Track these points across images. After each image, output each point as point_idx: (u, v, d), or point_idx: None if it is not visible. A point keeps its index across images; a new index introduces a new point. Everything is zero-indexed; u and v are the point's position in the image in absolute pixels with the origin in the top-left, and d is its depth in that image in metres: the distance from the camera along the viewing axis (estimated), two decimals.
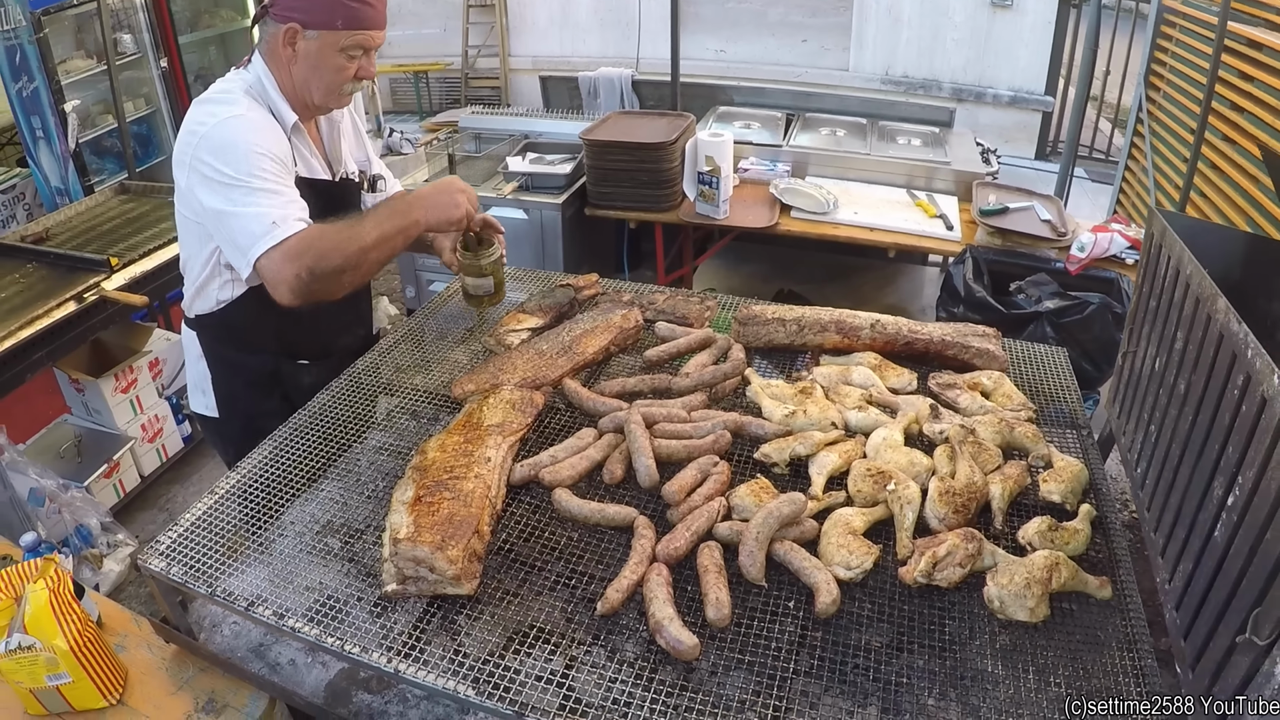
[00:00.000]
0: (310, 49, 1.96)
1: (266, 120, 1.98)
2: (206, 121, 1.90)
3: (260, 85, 2.01)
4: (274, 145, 1.93)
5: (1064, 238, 3.88)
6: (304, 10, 1.92)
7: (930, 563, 1.45)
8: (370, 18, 1.96)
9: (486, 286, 2.26)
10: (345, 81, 2.02)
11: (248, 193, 1.84)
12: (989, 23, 7.22)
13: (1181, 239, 1.73)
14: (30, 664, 1.57)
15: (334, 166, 2.22)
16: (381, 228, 1.90)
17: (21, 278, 3.37)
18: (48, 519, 3.29)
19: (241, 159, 1.86)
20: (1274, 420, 1.16)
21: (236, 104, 1.94)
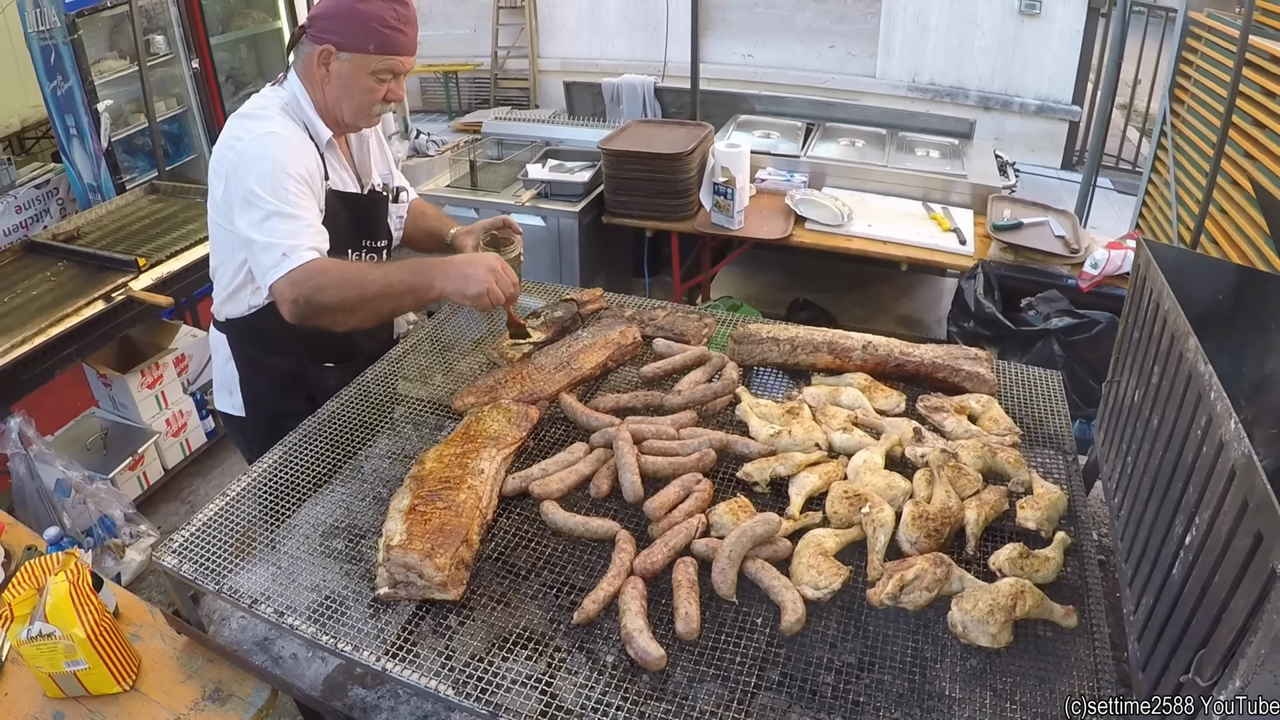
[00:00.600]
0: (343, 70, 2.05)
1: (300, 138, 2.08)
2: (243, 137, 2.01)
3: (296, 102, 2.11)
4: (304, 164, 2.04)
5: (1076, 255, 3.88)
6: (339, 33, 2.02)
7: (898, 585, 1.50)
8: (401, 44, 2.05)
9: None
10: (375, 103, 2.11)
11: (267, 216, 1.95)
12: (1016, 31, 7.19)
13: (1167, 271, 1.75)
14: (50, 650, 1.67)
15: (362, 179, 2.32)
16: (389, 280, 1.96)
17: (52, 276, 3.50)
18: (73, 509, 3.41)
19: (269, 177, 1.96)
20: (1228, 465, 1.18)
21: (272, 120, 2.05)
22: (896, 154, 4.77)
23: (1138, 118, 7.81)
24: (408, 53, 2.08)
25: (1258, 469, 1.10)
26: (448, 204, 4.45)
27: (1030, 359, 3.58)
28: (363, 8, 2.00)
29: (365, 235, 2.31)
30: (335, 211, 2.17)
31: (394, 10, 2.02)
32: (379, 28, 2.00)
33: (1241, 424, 1.51)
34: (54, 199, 4.86)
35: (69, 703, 1.74)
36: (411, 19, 2.07)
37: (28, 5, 4.26)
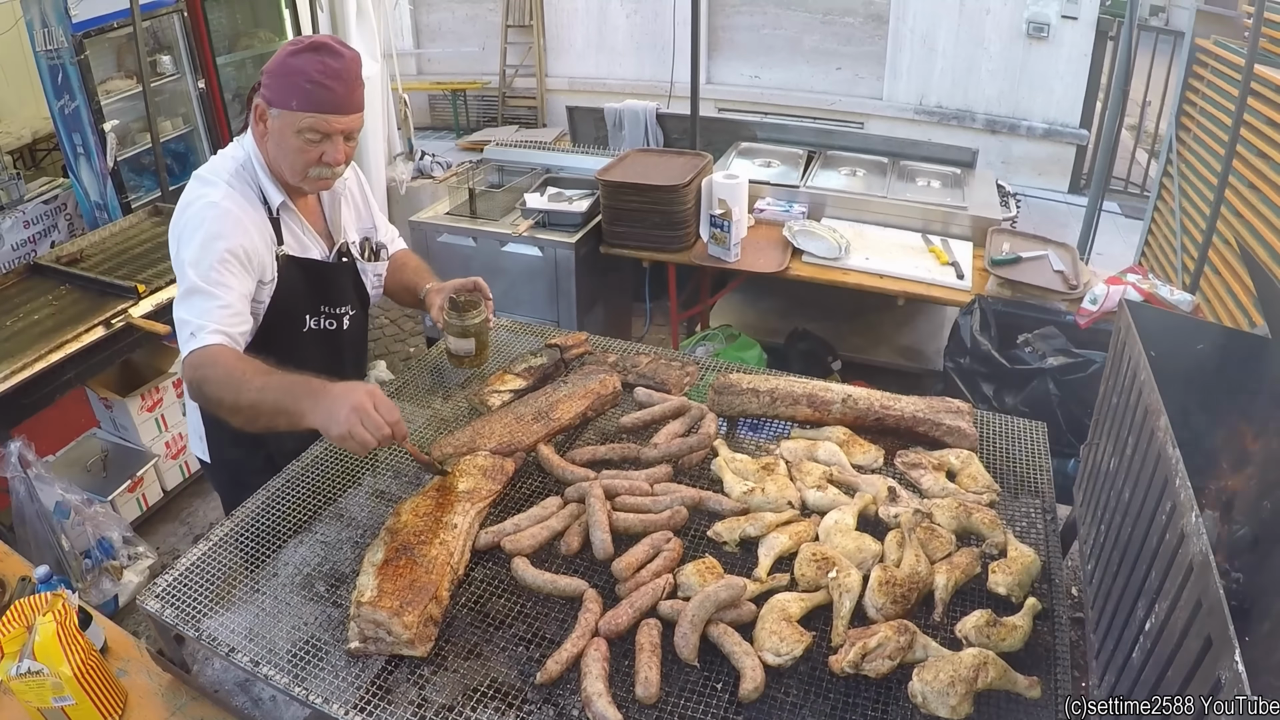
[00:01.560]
0: (275, 127, 1.96)
1: (245, 207, 2.00)
2: (192, 204, 1.98)
3: (250, 165, 2.04)
4: (240, 240, 1.96)
5: (1075, 290, 3.87)
6: (270, 87, 1.94)
7: (860, 653, 1.50)
8: (325, 101, 1.92)
9: (468, 348, 2.30)
10: (309, 165, 1.99)
11: (189, 292, 1.91)
12: (1024, 54, 7.18)
13: (1147, 337, 1.74)
14: (38, 686, 1.72)
15: (334, 236, 2.26)
16: (264, 395, 1.80)
17: (55, 300, 3.55)
18: (72, 531, 3.46)
19: (196, 248, 1.92)
20: (1187, 559, 1.17)
21: (218, 188, 1.98)
22: (897, 183, 4.76)
23: (1147, 139, 7.78)
24: (336, 111, 1.94)
25: (1212, 570, 1.09)
26: (446, 232, 4.49)
27: (1025, 398, 3.57)
28: (291, 61, 1.91)
29: (323, 301, 2.23)
30: (290, 277, 2.10)
31: (320, 63, 1.90)
32: (302, 82, 1.89)
33: (1204, 516, 1.51)
34: (62, 214, 4.92)
35: None
36: (344, 74, 1.93)
37: (36, 25, 4.33)
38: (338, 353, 2.32)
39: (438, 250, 4.53)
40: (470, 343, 2.30)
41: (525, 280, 4.40)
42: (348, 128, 1.99)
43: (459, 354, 2.31)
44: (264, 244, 2.04)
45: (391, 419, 1.76)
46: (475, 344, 2.31)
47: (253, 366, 1.85)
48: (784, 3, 7.84)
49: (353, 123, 2.00)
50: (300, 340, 2.21)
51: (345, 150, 2.03)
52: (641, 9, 8.19)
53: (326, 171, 2.03)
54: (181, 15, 4.99)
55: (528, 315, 4.49)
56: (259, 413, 1.81)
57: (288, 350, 2.06)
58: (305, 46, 1.92)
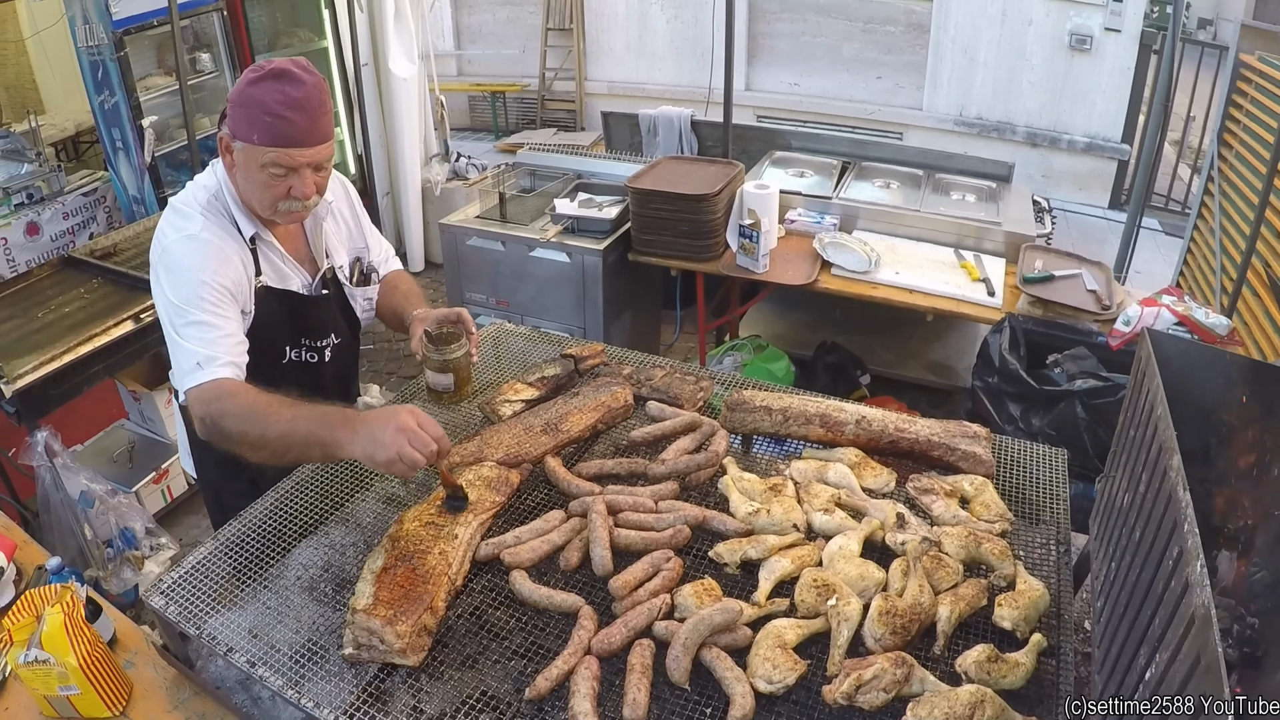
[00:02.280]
0: (240, 160, 1.90)
1: (222, 238, 1.95)
2: (169, 235, 1.92)
3: (222, 194, 1.99)
4: (218, 271, 1.91)
5: (1108, 311, 3.79)
6: (232, 118, 1.88)
7: (854, 684, 1.47)
8: (286, 134, 1.84)
9: (446, 383, 2.20)
10: (278, 199, 1.92)
11: (185, 324, 1.86)
12: (1066, 66, 7.06)
13: (1168, 370, 1.70)
14: (45, 675, 1.75)
15: (318, 262, 2.19)
16: (294, 427, 1.75)
17: (86, 293, 3.62)
18: (96, 519, 3.51)
19: (184, 285, 1.87)
20: (1190, 610, 1.13)
21: (194, 220, 1.93)
22: (931, 196, 4.69)
23: (1190, 155, 7.62)
24: (298, 144, 1.86)
25: (1213, 626, 1.04)
26: (475, 235, 4.51)
27: (1052, 420, 3.50)
28: (250, 90, 1.83)
29: (303, 334, 2.19)
30: (268, 310, 2.05)
31: (280, 93, 1.81)
32: (261, 115, 1.82)
33: (1220, 557, 1.46)
34: (101, 207, 5.02)
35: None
36: (306, 104, 1.84)
37: (78, 21, 4.42)
38: (320, 384, 2.25)
39: (466, 254, 4.55)
40: (449, 378, 2.20)
41: (553, 286, 4.40)
42: (314, 159, 1.91)
43: (436, 389, 2.22)
44: (245, 275, 2.00)
45: (437, 434, 1.71)
46: (454, 379, 2.21)
47: (275, 399, 1.80)
48: (825, 10, 7.79)
49: (318, 154, 1.92)
50: (280, 371, 2.15)
51: (316, 181, 1.96)
52: (682, 14, 8.19)
53: (296, 205, 1.95)
54: (222, 14, 5.07)
55: (554, 321, 4.50)
56: (289, 445, 1.76)
57: (266, 382, 1.95)
58: (266, 74, 1.84)
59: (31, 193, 4.63)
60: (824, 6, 7.78)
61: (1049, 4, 6.98)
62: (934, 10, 7.38)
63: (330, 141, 1.96)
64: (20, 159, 4.65)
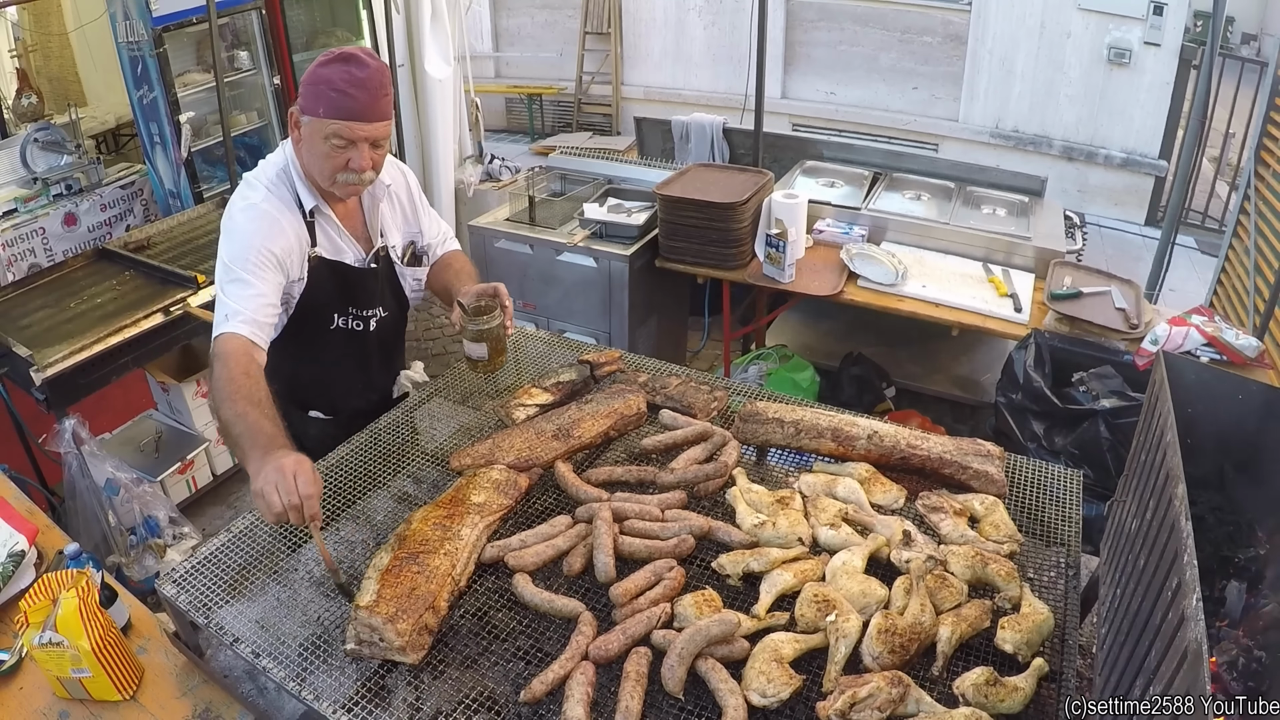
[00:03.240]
0: (306, 133, 2.07)
1: (280, 210, 2.11)
2: (236, 204, 2.13)
3: (288, 170, 2.15)
4: (270, 238, 2.07)
5: (1135, 330, 3.73)
6: (302, 95, 2.04)
7: (848, 702, 1.47)
8: (348, 109, 1.99)
9: (480, 352, 2.30)
10: (336, 170, 2.07)
11: (229, 281, 2.05)
12: (1104, 80, 6.94)
13: (1180, 395, 1.67)
14: (59, 657, 1.81)
15: (373, 239, 2.32)
16: (232, 424, 1.86)
17: (119, 285, 3.69)
18: (120, 507, 3.59)
19: (237, 246, 2.05)
20: (1184, 644, 1.12)
21: (258, 190, 2.12)
22: (962, 209, 4.63)
23: (1229, 171, 7.46)
24: (359, 118, 2.01)
25: (1204, 663, 1.03)
26: (504, 238, 4.54)
27: (1075, 439, 3.46)
28: (320, 70, 2.00)
29: (352, 303, 2.32)
30: (320, 278, 2.20)
31: (346, 73, 1.97)
32: (327, 90, 1.98)
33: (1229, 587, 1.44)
34: (138, 200, 5.10)
35: (74, 704, 1.89)
36: (369, 84, 2.00)
37: (119, 17, 4.50)
38: (364, 351, 2.42)
39: (495, 256, 4.58)
40: (483, 347, 2.29)
41: (579, 291, 4.41)
42: (371, 135, 2.05)
43: (472, 358, 2.32)
44: (298, 245, 2.15)
45: (305, 491, 1.70)
46: (488, 349, 2.30)
47: (247, 386, 1.90)
48: (862, 20, 7.74)
49: (376, 130, 2.06)
50: (327, 337, 2.32)
51: (372, 157, 2.09)
52: (719, 21, 8.17)
53: (354, 177, 2.09)
54: (260, 12, 5.13)
55: (581, 325, 4.52)
56: (225, 433, 1.91)
57: (314, 345, 2.27)
58: (335, 57, 2.01)
59: (70, 184, 4.71)
60: (862, 16, 7.73)
61: (1088, 17, 6.87)
62: (972, 21, 7.30)
63: (388, 122, 2.11)
64: (60, 150, 4.74)
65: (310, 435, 2.28)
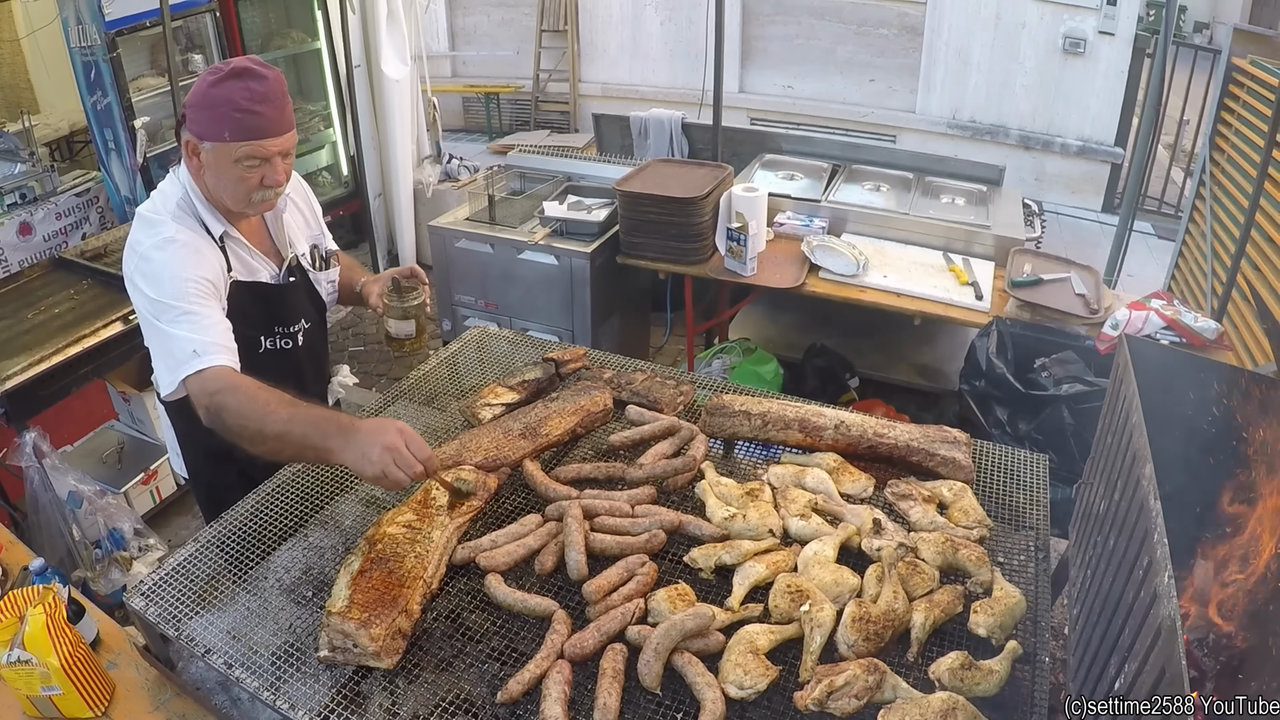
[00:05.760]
0: (210, 160, 1.97)
1: (194, 239, 2.01)
2: (143, 242, 1.98)
3: (187, 197, 2.04)
4: (199, 268, 1.97)
5: (1096, 315, 3.79)
6: (197, 121, 1.93)
7: (826, 691, 1.47)
8: (258, 127, 1.92)
9: (408, 330, 2.36)
10: (251, 190, 2.00)
11: (175, 317, 1.90)
12: (1060, 70, 7.06)
13: (1144, 378, 1.70)
14: (27, 675, 1.77)
15: (282, 253, 2.26)
16: (291, 427, 1.78)
17: (76, 294, 3.62)
18: (84, 520, 3.51)
19: (168, 284, 1.92)
20: (1157, 621, 1.13)
21: (166, 225, 1.98)
22: (921, 200, 4.68)
23: (1183, 157, 7.61)
24: (269, 134, 1.94)
25: (1178, 639, 1.05)
26: (464, 238, 4.50)
27: (1039, 425, 3.51)
28: (214, 91, 1.90)
29: (276, 321, 2.26)
30: (242, 304, 2.12)
31: (247, 90, 1.89)
32: (231, 113, 1.89)
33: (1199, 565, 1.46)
34: (94, 207, 5.01)
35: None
36: (271, 95, 1.93)
37: (71, 21, 4.42)
38: (296, 368, 2.33)
39: (455, 256, 4.54)
40: (410, 324, 2.35)
41: (541, 289, 4.39)
42: (283, 148, 2.00)
43: (399, 336, 2.36)
44: (220, 271, 2.06)
45: (423, 456, 1.73)
46: (415, 326, 2.36)
47: (274, 395, 1.83)
48: (818, 13, 7.78)
49: (287, 142, 2.01)
50: (257, 361, 2.19)
51: (284, 168, 2.04)
52: (676, 16, 8.19)
53: (269, 194, 2.04)
54: (214, 15, 5.06)
55: (543, 324, 4.50)
56: (284, 445, 1.80)
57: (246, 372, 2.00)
58: (227, 74, 1.90)
59: (24, 192, 4.61)
60: (818, 9, 7.77)
61: (1043, 7, 6.98)
62: (927, 13, 7.37)
63: (294, 130, 2.04)
64: (13, 159, 4.64)
65: (259, 465, 2.07)
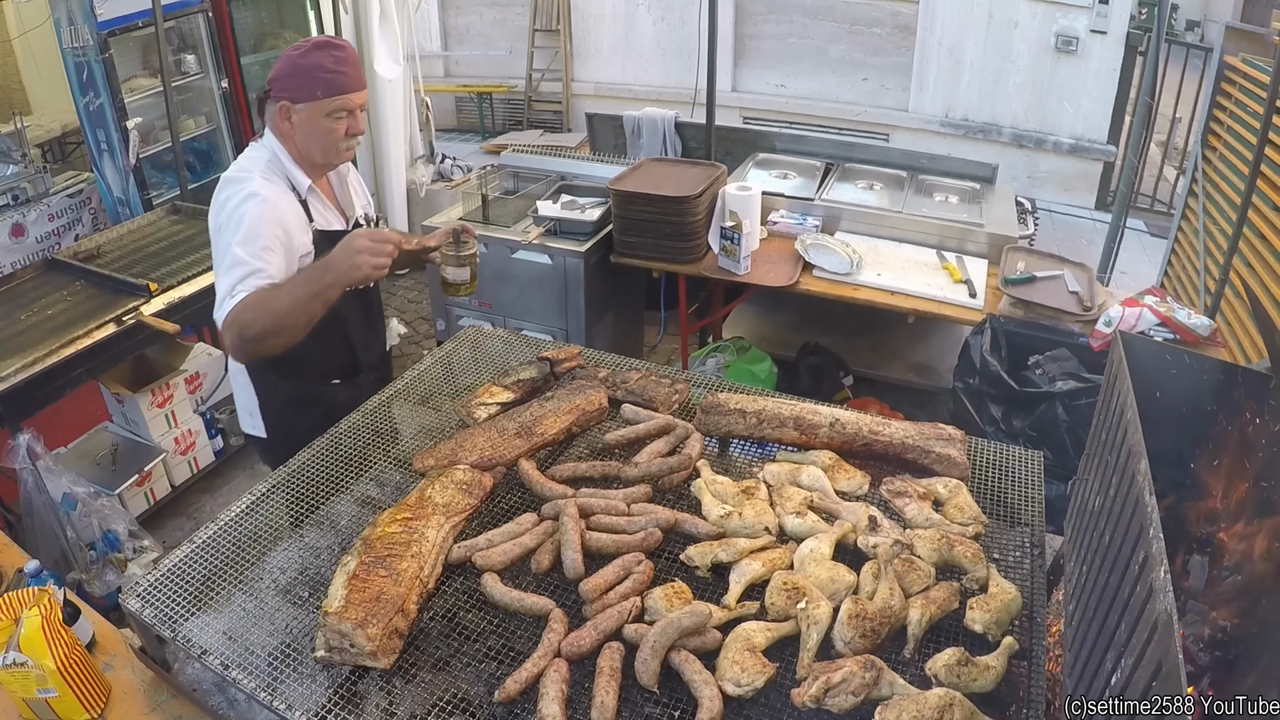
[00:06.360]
0: (302, 119, 2.29)
1: (280, 193, 2.30)
2: (232, 199, 2.25)
3: (276, 159, 2.35)
4: (281, 220, 2.26)
5: (1089, 312, 3.80)
6: (290, 89, 2.27)
7: (823, 688, 1.47)
8: (344, 84, 2.27)
9: (463, 275, 2.55)
10: (339, 140, 2.34)
11: (234, 264, 2.16)
12: (1052, 68, 7.09)
13: (1140, 373, 1.70)
14: (23, 678, 1.76)
15: (346, 213, 2.56)
16: (294, 294, 2.11)
17: (69, 295, 3.60)
18: (78, 522, 3.50)
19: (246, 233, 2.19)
20: (1154, 616, 1.13)
21: (253, 181, 2.26)
22: (915, 198, 4.69)
23: (1176, 155, 7.63)
24: (353, 90, 2.30)
25: (1174, 633, 1.05)
26: None
27: (1033, 422, 3.51)
28: (303, 61, 2.25)
29: None
30: (323, 249, 2.34)
31: (331, 56, 2.25)
32: (321, 75, 2.24)
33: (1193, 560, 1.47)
34: (86, 209, 5.00)
35: None
36: (349, 59, 2.29)
37: (63, 22, 4.40)
38: (365, 307, 2.67)
39: None
40: (465, 271, 2.55)
41: (535, 288, 4.39)
42: (361, 103, 2.36)
43: (455, 281, 2.57)
44: (299, 225, 2.34)
45: (390, 238, 2.15)
46: (469, 272, 2.56)
47: (264, 290, 2.13)
48: (811, 12, 7.79)
49: (363, 98, 2.37)
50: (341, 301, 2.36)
51: (362, 121, 2.39)
52: (669, 15, 8.19)
53: (353, 143, 2.39)
54: (206, 15, 5.05)
55: (537, 323, 4.50)
56: (297, 310, 2.11)
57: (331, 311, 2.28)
58: (310, 48, 2.27)
59: (17, 194, 4.61)
60: (811, 8, 7.78)
61: (1035, 6, 6.99)
62: (920, 12, 7.39)
63: (366, 89, 2.40)
64: (6, 160, 4.63)
65: (339, 402, 2.47)
